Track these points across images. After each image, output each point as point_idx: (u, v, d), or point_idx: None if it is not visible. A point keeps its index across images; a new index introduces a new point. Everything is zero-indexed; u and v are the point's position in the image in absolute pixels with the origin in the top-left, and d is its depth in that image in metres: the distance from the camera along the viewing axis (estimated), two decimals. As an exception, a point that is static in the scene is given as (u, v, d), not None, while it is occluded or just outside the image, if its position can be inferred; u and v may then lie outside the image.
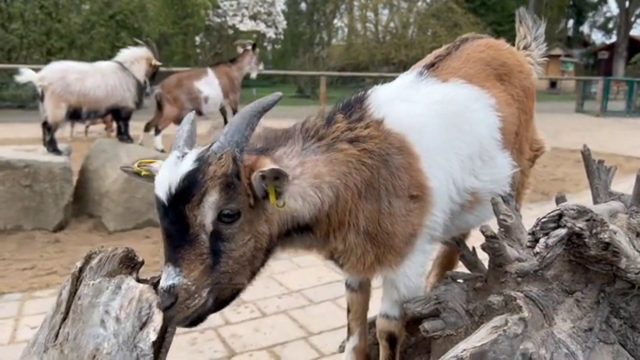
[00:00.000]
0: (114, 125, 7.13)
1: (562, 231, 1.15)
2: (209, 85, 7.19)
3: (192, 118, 1.43)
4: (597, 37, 47.90)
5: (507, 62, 1.91)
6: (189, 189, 1.17)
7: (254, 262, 1.30)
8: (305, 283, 4.42)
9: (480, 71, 1.80)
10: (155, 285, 1.24)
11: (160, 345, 1.19)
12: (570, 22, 44.71)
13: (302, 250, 1.47)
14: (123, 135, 6.26)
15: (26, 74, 5.64)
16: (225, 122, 7.43)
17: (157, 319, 1.14)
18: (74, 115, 5.71)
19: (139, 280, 1.27)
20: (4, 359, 3.14)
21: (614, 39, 38.96)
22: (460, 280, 1.54)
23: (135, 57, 6.19)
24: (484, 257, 1.66)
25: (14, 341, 3.42)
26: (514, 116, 1.84)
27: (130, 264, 1.27)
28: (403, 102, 1.60)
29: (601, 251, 1.17)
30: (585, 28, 46.55)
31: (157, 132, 7.17)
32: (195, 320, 1.21)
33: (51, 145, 5.68)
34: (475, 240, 1.75)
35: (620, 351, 1.25)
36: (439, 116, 1.62)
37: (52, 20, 18.03)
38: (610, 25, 44.22)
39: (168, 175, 1.19)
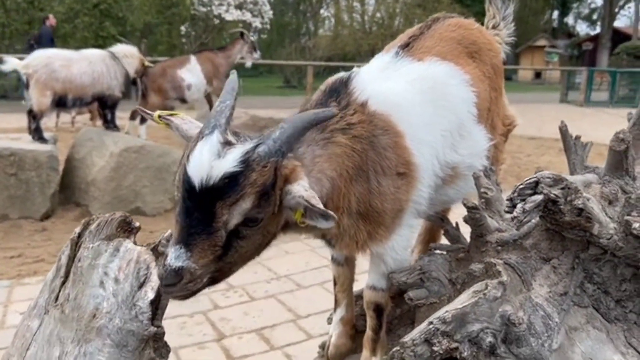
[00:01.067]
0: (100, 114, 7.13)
1: (538, 197, 1.21)
2: (190, 73, 7.22)
3: (234, 87, 1.36)
4: (582, 28, 48.44)
5: (477, 40, 1.96)
6: (225, 190, 1.15)
7: (256, 254, 1.35)
8: (294, 268, 4.48)
9: (453, 49, 1.84)
10: (152, 249, 1.29)
11: (158, 303, 1.24)
12: (555, 13, 45.12)
13: (292, 235, 1.51)
14: (109, 123, 6.24)
15: (10, 63, 5.58)
16: (211, 109, 7.44)
17: (155, 278, 1.20)
18: (60, 102, 5.66)
19: (136, 244, 1.30)
20: (-7, 343, 3.16)
21: (598, 30, 39.35)
22: (444, 252, 1.60)
23: (130, 53, 6.22)
24: (465, 233, 1.72)
25: (3, 327, 3.45)
26: (486, 92, 1.89)
27: (127, 228, 1.31)
28: (384, 82, 1.63)
29: (575, 217, 1.23)
30: (570, 19, 47.09)
31: (143, 121, 7.16)
32: (188, 297, 1.23)
33: (37, 134, 5.63)
34: (456, 216, 1.81)
35: (594, 314, 1.32)
36: (419, 93, 1.65)
37: (35, 9, 17.71)
38: (595, 16, 44.68)
39: (208, 162, 1.16)
